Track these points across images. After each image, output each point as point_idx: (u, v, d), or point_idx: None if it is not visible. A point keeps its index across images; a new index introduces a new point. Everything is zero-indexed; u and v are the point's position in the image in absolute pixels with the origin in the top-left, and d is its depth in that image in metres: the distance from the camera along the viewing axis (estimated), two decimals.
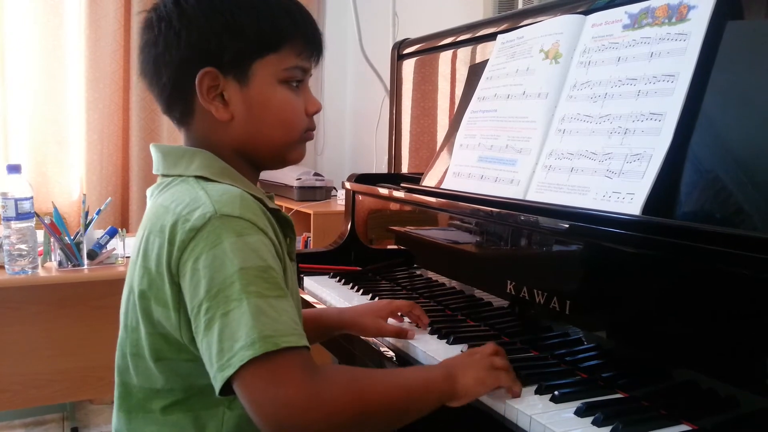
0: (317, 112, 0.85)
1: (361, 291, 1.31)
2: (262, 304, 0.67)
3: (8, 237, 1.83)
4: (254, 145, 0.82)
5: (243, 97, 0.79)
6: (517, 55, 1.20)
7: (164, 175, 0.82)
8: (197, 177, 0.78)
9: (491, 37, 1.30)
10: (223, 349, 0.66)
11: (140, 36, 0.82)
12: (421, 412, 0.74)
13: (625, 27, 0.99)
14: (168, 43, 0.78)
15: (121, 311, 0.82)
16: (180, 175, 0.79)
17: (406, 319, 1.08)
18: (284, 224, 0.82)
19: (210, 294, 0.68)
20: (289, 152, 0.84)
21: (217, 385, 0.66)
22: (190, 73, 0.78)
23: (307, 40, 0.82)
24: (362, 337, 1.09)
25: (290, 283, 0.79)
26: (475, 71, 1.30)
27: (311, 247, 2.50)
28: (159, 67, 0.80)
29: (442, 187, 1.25)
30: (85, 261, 1.95)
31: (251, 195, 0.76)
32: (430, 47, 1.66)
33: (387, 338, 1.06)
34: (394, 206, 1.41)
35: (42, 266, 1.95)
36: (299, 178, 2.69)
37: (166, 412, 0.78)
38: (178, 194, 0.76)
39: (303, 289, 1.41)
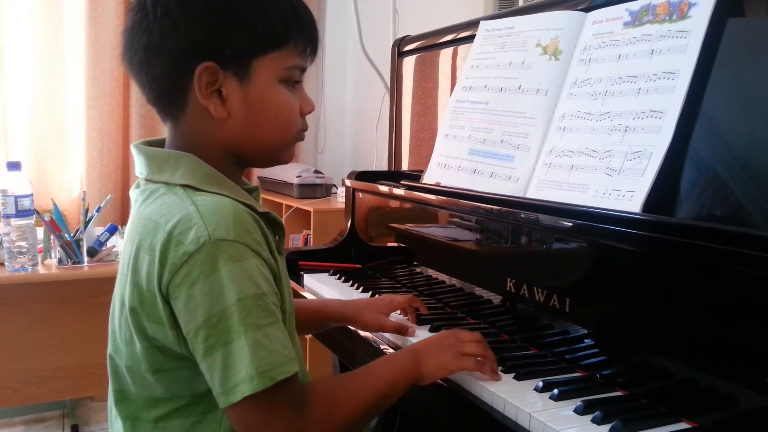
0: (311, 111, 0.84)
1: (361, 288, 1.31)
2: (259, 336, 0.69)
3: (8, 234, 1.83)
4: (248, 145, 0.80)
5: (242, 95, 0.76)
6: (508, 46, 1.18)
7: (148, 180, 0.79)
8: (184, 186, 0.75)
9: None
10: (228, 376, 0.68)
11: (129, 16, 0.76)
12: (392, 403, 0.80)
13: (626, 24, 0.99)
14: (164, 31, 0.73)
15: (113, 323, 0.80)
16: (165, 183, 0.76)
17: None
18: (274, 225, 0.81)
19: (210, 323, 0.68)
20: (281, 153, 0.83)
21: (222, 405, 0.70)
22: (186, 66, 0.74)
23: (308, 38, 0.80)
24: (362, 335, 1.09)
25: (282, 275, 0.80)
26: None
27: (311, 244, 2.50)
28: (151, 56, 0.75)
29: (426, 178, 1.25)
30: (85, 258, 1.95)
31: (241, 203, 0.74)
32: (430, 44, 1.65)
33: (386, 335, 1.06)
34: (394, 204, 1.41)
35: (42, 263, 1.95)
36: (299, 176, 2.68)
37: (167, 418, 0.77)
38: (167, 207, 0.73)
39: (303, 286, 1.41)
